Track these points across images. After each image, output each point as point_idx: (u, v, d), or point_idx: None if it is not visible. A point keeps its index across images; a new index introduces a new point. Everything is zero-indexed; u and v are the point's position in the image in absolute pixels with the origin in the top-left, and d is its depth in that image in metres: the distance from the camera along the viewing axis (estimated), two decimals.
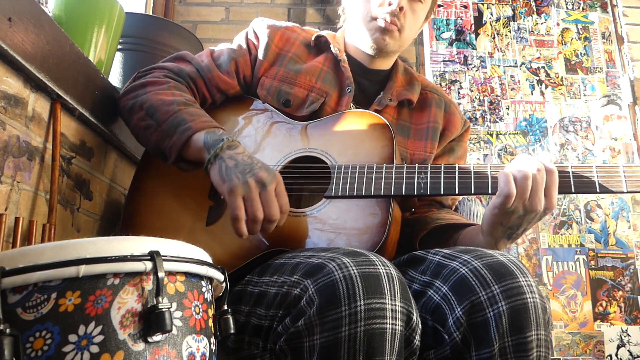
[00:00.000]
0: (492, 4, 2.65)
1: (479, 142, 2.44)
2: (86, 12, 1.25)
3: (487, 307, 0.77)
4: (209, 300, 0.65)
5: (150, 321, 0.54)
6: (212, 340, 0.63)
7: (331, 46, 1.18)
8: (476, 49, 2.57)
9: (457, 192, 0.94)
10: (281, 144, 1.08)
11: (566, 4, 2.66)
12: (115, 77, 1.61)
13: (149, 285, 0.56)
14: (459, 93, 2.50)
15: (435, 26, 2.60)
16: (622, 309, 2.25)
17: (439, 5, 2.62)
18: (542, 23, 2.63)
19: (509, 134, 2.46)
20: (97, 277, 0.54)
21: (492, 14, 2.63)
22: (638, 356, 2.19)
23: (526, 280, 0.78)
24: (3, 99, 0.89)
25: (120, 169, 1.37)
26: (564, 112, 2.50)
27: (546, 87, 2.53)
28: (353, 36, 1.21)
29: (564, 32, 2.62)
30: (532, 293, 0.77)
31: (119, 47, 1.57)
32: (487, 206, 0.93)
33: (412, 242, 1.08)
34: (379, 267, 0.73)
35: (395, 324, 0.70)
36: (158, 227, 1.05)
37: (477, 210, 1.37)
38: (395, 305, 0.71)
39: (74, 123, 1.13)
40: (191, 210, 1.05)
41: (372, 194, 0.94)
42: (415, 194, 0.94)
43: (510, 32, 2.61)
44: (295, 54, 1.19)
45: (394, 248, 0.97)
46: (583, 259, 2.31)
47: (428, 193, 0.94)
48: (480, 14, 2.63)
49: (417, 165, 0.97)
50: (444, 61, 2.55)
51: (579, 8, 2.66)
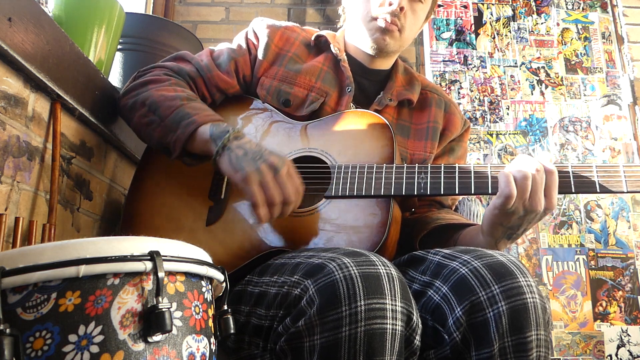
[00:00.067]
0: (492, 4, 2.65)
1: (479, 142, 2.44)
2: (86, 12, 1.25)
3: (487, 307, 0.77)
4: (209, 300, 0.65)
5: (150, 321, 0.54)
6: (212, 340, 0.63)
7: (331, 46, 1.18)
8: (476, 49, 2.57)
9: (457, 192, 0.94)
10: (281, 144, 1.08)
11: (566, 4, 2.66)
12: (115, 77, 1.61)
13: (149, 285, 0.56)
14: (459, 93, 2.50)
15: (435, 26, 2.60)
16: (622, 309, 2.25)
17: (439, 5, 2.62)
18: (542, 23, 2.63)
19: (509, 134, 2.46)
20: (97, 277, 0.54)
21: (492, 14, 2.63)
22: (638, 356, 2.18)
23: (526, 281, 0.78)
24: (3, 99, 0.89)
25: (120, 169, 1.37)
26: (564, 112, 2.50)
27: (546, 87, 2.53)
28: (353, 36, 1.21)
29: (564, 32, 2.62)
30: (532, 293, 0.77)
31: (119, 47, 1.57)
32: (487, 206, 0.93)
33: (412, 242, 1.08)
34: (379, 267, 0.73)
35: (396, 324, 0.70)
36: (158, 227, 1.05)
37: (477, 210, 1.37)
38: (395, 305, 0.71)
39: (74, 123, 1.13)
40: (191, 210, 1.05)
41: (372, 194, 0.94)
42: (415, 194, 0.94)
43: (510, 32, 2.61)
44: (295, 53, 1.19)
45: (394, 248, 0.97)
46: (583, 259, 2.31)
47: (428, 193, 0.94)
48: (480, 14, 2.63)
49: (417, 165, 0.97)
50: (444, 61, 2.54)
51: (579, 8, 2.66)
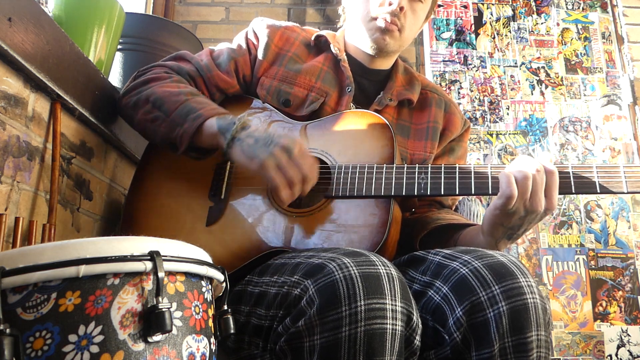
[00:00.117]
0: (492, 4, 2.65)
1: (479, 142, 2.44)
2: (86, 12, 1.25)
3: (487, 307, 0.77)
4: (209, 300, 0.65)
5: (150, 321, 0.54)
6: (212, 340, 0.63)
7: (331, 46, 1.18)
8: (476, 49, 2.57)
9: (457, 193, 0.94)
10: None
11: (566, 4, 2.66)
12: (115, 77, 1.61)
13: (149, 285, 0.56)
14: (459, 93, 2.50)
15: (435, 26, 2.60)
16: (622, 309, 2.25)
17: (439, 5, 2.62)
18: (542, 23, 2.63)
19: (509, 134, 2.46)
20: (97, 277, 0.54)
21: (492, 14, 2.63)
22: (638, 356, 2.18)
23: (526, 281, 0.78)
24: (3, 99, 0.89)
25: (120, 169, 1.37)
26: (564, 112, 2.50)
27: (546, 87, 2.53)
28: (353, 36, 1.21)
29: (564, 32, 2.62)
30: (532, 293, 0.77)
31: (119, 47, 1.57)
32: (487, 207, 0.93)
33: (413, 242, 1.08)
34: (379, 267, 0.73)
35: (396, 324, 0.70)
36: (158, 227, 1.05)
37: (477, 211, 1.36)
38: (395, 305, 0.71)
39: (74, 123, 1.13)
40: (191, 210, 1.05)
41: (373, 194, 0.94)
42: (416, 194, 0.94)
43: (510, 32, 2.61)
44: (295, 53, 1.19)
45: (394, 248, 0.97)
46: (583, 259, 2.31)
47: (428, 193, 0.94)
48: (480, 14, 2.63)
49: (417, 165, 0.97)
50: (444, 61, 2.54)
51: (579, 8, 2.66)
